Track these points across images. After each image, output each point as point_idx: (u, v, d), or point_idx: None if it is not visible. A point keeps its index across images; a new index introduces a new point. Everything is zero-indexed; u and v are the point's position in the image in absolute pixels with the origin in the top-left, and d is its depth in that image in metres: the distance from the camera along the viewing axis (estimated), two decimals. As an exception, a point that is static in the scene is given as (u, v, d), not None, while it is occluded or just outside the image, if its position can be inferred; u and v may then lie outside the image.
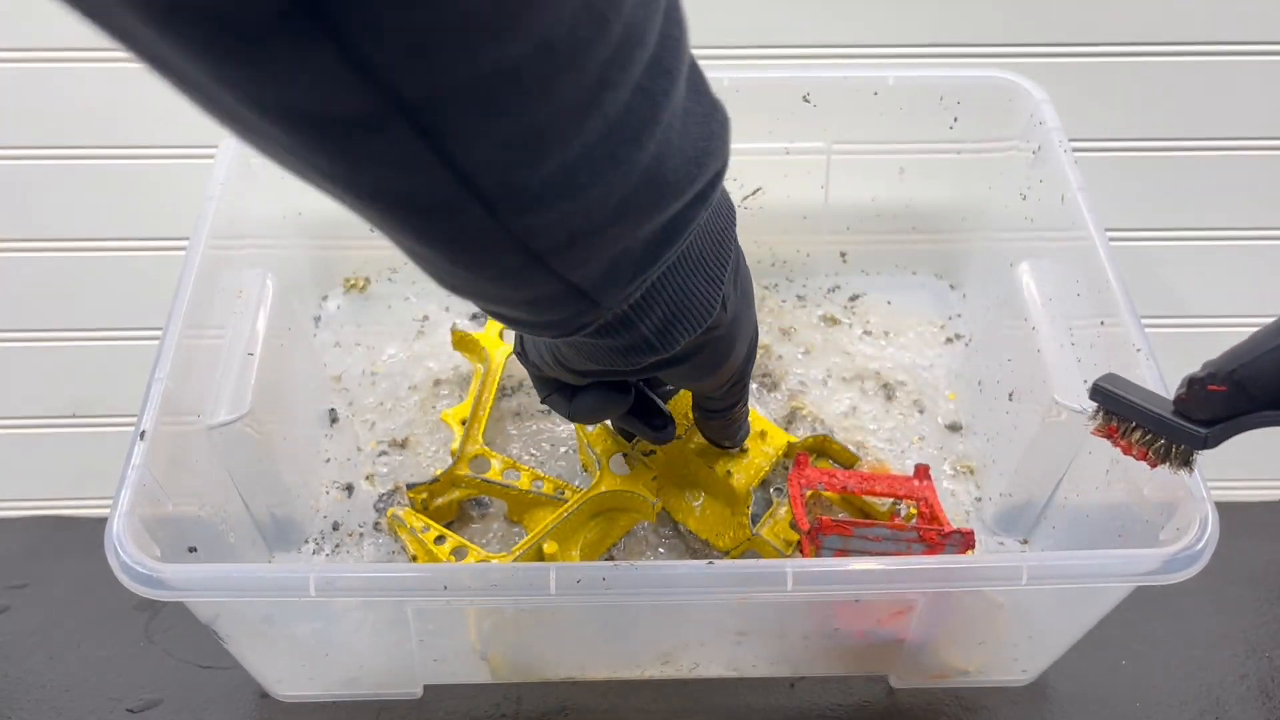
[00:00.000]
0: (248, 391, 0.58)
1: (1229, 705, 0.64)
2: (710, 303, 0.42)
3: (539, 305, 0.37)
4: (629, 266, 0.37)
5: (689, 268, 0.40)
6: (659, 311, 0.40)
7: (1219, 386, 0.39)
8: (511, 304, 0.37)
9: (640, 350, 0.42)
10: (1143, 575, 0.50)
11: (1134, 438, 0.43)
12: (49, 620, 0.70)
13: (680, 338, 0.42)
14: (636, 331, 0.41)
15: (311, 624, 0.55)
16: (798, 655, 0.61)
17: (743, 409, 0.55)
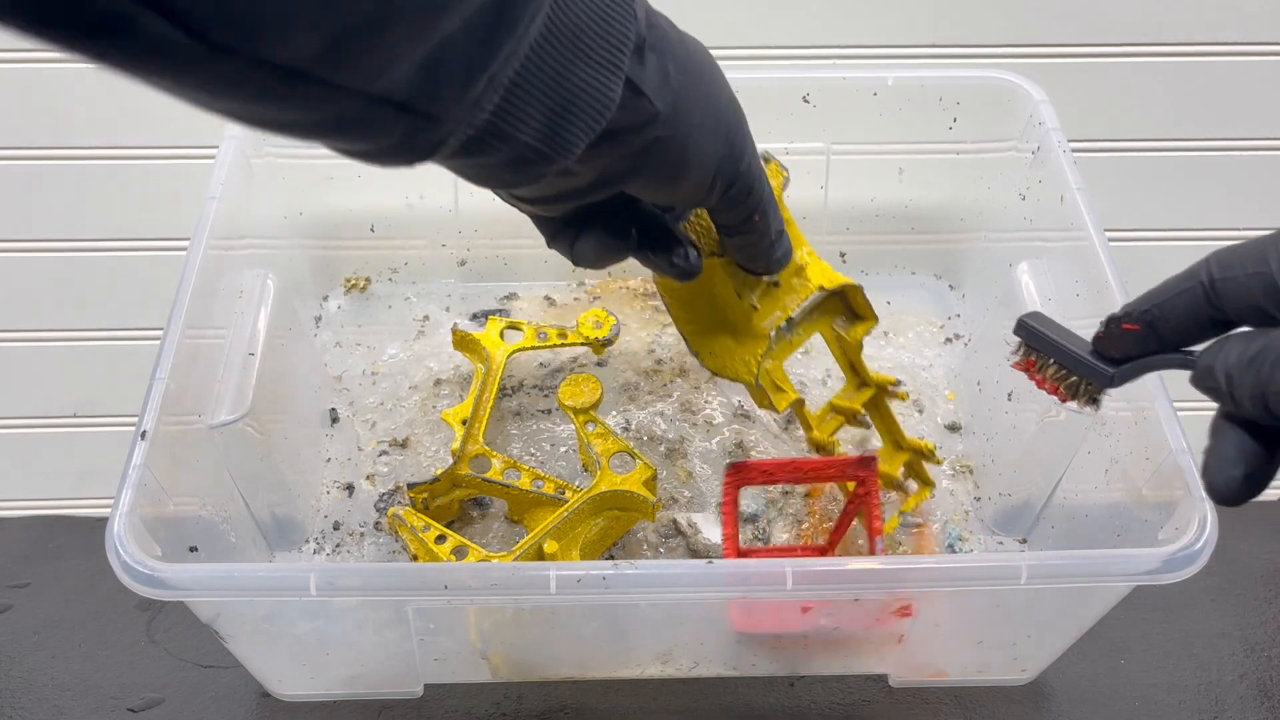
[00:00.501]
0: (248, 391, 0.58)
1: (1229, 705, 0.65)
2: (604, 92, 0.36)
3: (346, 128, 0.32)
4: (458, 63, 0.31)
5: (563, 52, 0.35)
6: (537, 112, 0.35)
7: (1133, 326, 0.40)
8: (314, 130, 0.32)
9: (532, 162, 0.36)
10: (1142, 575, 0.50)
11: (1049, 373, 0.45)
12: (49, 620, 0.70)
13: (576, 139, 0.36)
14: (516, 141, 0.35)
15: (312, 623, 0.55)
16: (796, 654, 0.62)
17: (766, 224, 0.49)
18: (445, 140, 0.34)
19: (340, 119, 0.31)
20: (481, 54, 0.32)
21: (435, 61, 0.30)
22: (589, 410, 0.63)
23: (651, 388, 0.70)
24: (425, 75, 0.31)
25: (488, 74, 0.32)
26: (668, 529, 0.63)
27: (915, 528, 0.65)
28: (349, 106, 0.30)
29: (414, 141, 0.33)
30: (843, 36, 0.78)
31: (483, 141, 0.35)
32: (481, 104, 0.33)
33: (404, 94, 0.31)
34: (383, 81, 0.30)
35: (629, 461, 0.59)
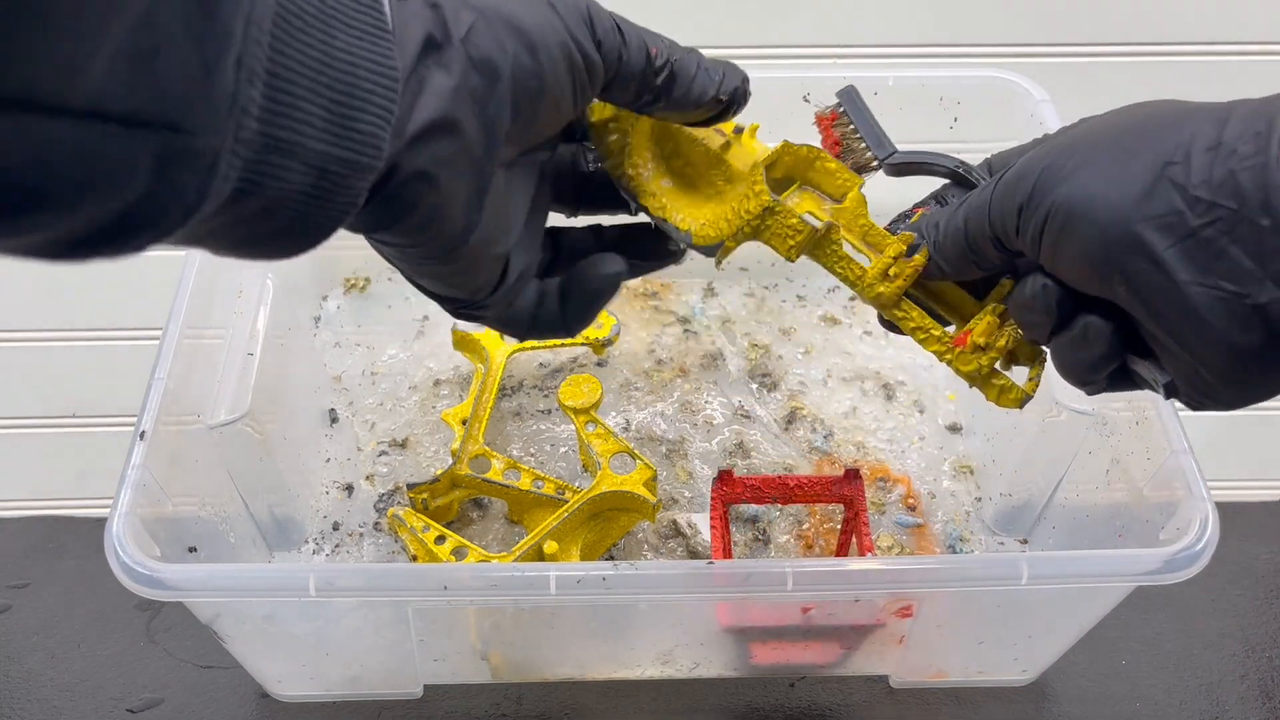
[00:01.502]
0: (248, 391, 0.58)
1: (1229, 705, 0.64)
2: (380, 61, 0.30)
3: (62, 175, 0.23)
4: (182, 45, 0.24)
5: (313, 23, 0.28)
6: (315, 107, 0.28)
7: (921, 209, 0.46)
8: (19, 198, 0.22)
9: (338, 180, 0.29)
10: (1143, 575, 0.50)
11: (844, 131, 0.48)
12: (49, 620, 0.70)
13: (375, 128, 0.30)
14: (306, 150, 0.28)
15: (312, 623, 0.55)
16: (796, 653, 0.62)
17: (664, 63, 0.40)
18: (215, 166, 0.25)
19: (45, 162, 0.22)
20: (208, 30, 0.24)
21: (147, 45, 0.23)
22: (589, 410, 0.63)
23: (651, 388, 0.70)
24: (141, 66, 0.23)
25: (231, 55, 0.25)
26: (667, 530, 0.63)
27: (916, 528, 0.65)
28: (52, 134, 0.22)
29: (173, 178, 0.24)
30: (843, 36, 0.78)
31: (262, 165, 0.27)
32: (240, 102, 0.26)
33: (123, 100, 0.23)
34: (82, 85, 0.22)
35: (629, 462, 0.59)
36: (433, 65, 0.33)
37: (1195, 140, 0.34)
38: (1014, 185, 0.38)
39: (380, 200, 0.33)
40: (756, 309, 0.76)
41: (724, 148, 0.45)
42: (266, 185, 0.28)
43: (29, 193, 0.22)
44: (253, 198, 0.28)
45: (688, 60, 0.41)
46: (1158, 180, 0.34)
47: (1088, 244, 0.35)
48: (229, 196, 0.27)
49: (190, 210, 0.25)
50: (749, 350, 0.73)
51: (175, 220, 0.25)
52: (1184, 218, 0.33)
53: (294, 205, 0.29)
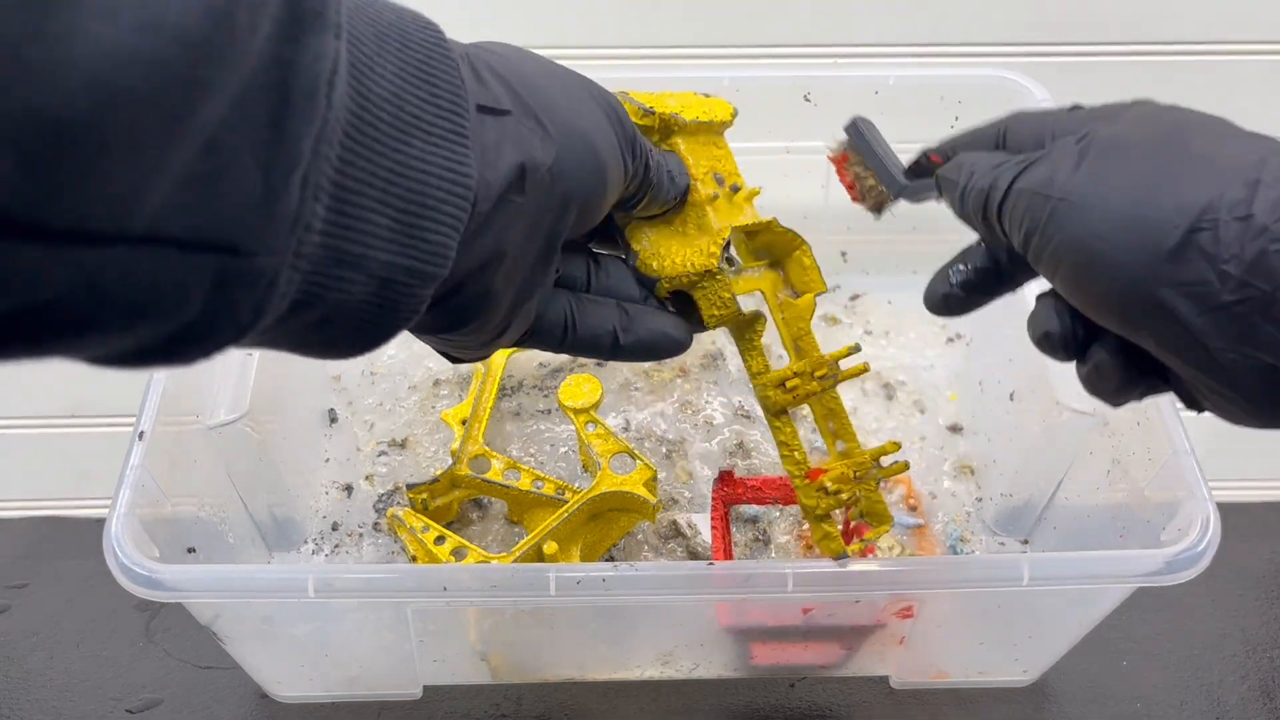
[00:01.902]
0: (247, 391, 0.58)
1: (1229, 705, 0.64)
2: (455, 168, 0.29)
3: (115, 301, 0.21)
4: (245, 167, 0.23)
5: (387, 131, 0.27)
6: (382, 218, 0.27)
7: (937, 157, 0.45)
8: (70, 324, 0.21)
9: (403, 289, 0.29)
10: (1144, 576, 0.50)
11: (855, 170, 0.48)
12: (49, 620, 0.70)
13: (443, 238, 0.29)
14: (370, 262, 0.27)
15: (311, 624, 0.55)
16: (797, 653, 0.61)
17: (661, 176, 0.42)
18: (273, 286, 0.24)
19: (98, 290, 0.21)
20: (275, 147, 0.23)
21: (210, 170, 0.22)
22: (589, 410, 0.63)
23: (651, 388, 0.70)
24: (203, 191, 0.22)
25: (298, 174, 0.24)
26: (667, 530, 0.63)
27: (916, 529, 0.64)
28: (106, 263, 0.21)
29: (229, 299, 0.23)
30: (843, 35, 0.77)
31: (323, 278, 0.26)
32: (304, 219, 0.25)
33: (183, 225, 0.22)
34: (138, 213, 0.21)
35: (629, 462, 0.59)
36: (514, 195, 0.32)
37: (1224, 203, 0.32)
38: (1024, 199, 0.36)
39: (439, 311, 0.33)
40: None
41: (710, 199, 0.46)
42: (327, 297, 0.27)
43: (78, 321, 0.21)
44: (311, 309, 0.27)
45: (659, 163, 0.42)
46: (1185, 244, 0.32)
47: (1107, 296, 0.34)
48: (287, 309, 0.26)
49: (245, 329, 0.25)
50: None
51: (228, 338, 0.25)
52: (1214, 289, 0.31)
53: (355, 314, 0.28)
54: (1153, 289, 0.32)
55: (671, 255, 0.45)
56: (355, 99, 0.26)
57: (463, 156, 0.29)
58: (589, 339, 0.42)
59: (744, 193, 0.48)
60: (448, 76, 0.29)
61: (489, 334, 0.36)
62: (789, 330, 0.49)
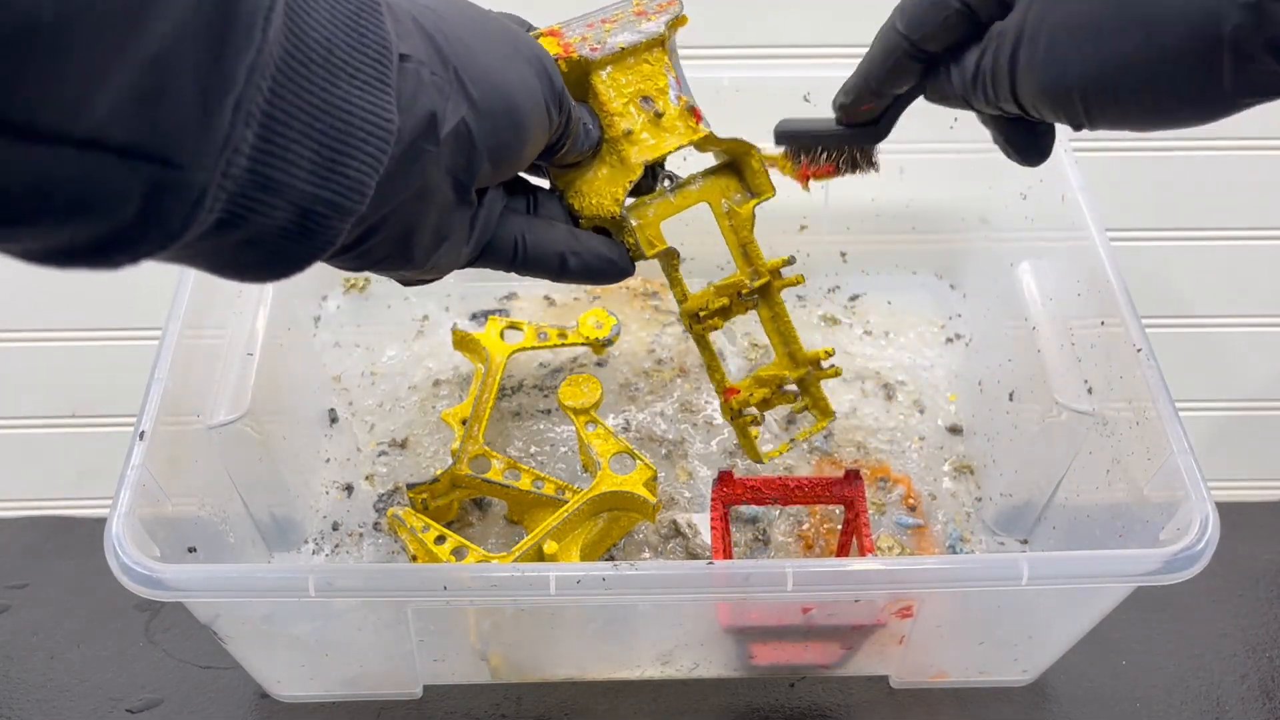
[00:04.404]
0: (247, 392, 0.58)
1: (1229, 705, 0.64)
2: (378, 113, 0.31)
3: (58, 200, 0.23)
4: (186, 85, 0.24)
5: (317, 72, 0.29)
6: (306, 150, 0.29)
7: (868, 104, 0.46)
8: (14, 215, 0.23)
9: (320, 220, 0.30)
10: (1143, 575, 0.50)
11: (822, 159, 0.48)
12: (49, 620, 0.70)
13: (363, 176, 0.31)
14: (292, 190, 0.29)
15: (311, 624, 0.55)
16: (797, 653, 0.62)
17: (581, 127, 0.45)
18: (201, 200, 0.26)
19: (42, 185, 0.23)
20: (213, 70, 0.25)
21: (153, 86, 0.23)
22: (589, 410, 0.63)
23: (651, 388, 0.70)
24: (144, 104, 0.23)
25: (231, 98, 0.26)
26: (667, 530, 0.63)
27: (916, 529, 0.65)
28: (52, 161, 0.23)
29: (161, 208, 0.25)
30: (843, 35, 0.77)
31: (248, 201, 0.28)
32: (234, 142, 0.26)
33: (124, 133, 0.23)
34: (85, 117, 0.23)
35: (629, 462, 0.59)
36: (427, 144, 0.35)
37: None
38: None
39: (361, 250, 0.37)
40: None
41: (625, 135, 0.48)
42: (250, 219, 0.29)
43: (20, 212, 0.23)
44: (234, 229, 0.29)
45: (578, 116, 0.45)
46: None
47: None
48: (211, 226, 0.28)
49: (172, 237, 0.26)
50: (749, 350, 0.73)
51: (156, 245, 0.26)
52: None
53: (274, 239, 0.30)
54: None
55: (590, 194, 0.48)
56: (290, 37, 0.28)
57: (385, 102, 0.31)
58: (538, 258, 0.45)
59: (673, 112, 0.49)
60: (375, 27, 0.32)
61: (416, 266, 0.39)
62: (735, 237, 0.53)
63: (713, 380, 0.56)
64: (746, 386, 0.56)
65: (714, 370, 0.56)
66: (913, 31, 0.43)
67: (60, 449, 0.85)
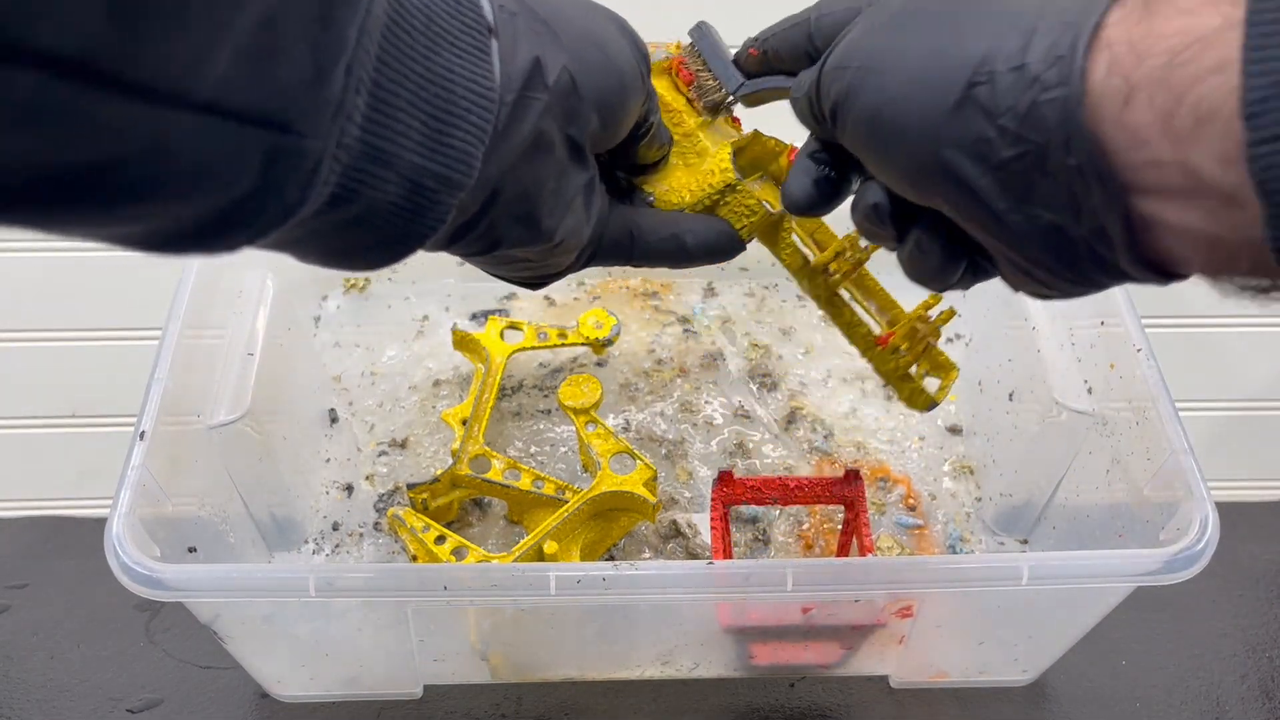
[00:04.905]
0: (247, 392, 0.58)
1: (1229, 705, 0.64)
2: (480, 81, 0.31)
3: (177, 169, 0.23)
4: (298, 49, 0.24)
5: (420, 41, 0.29)
6: (414, 120, 0.29)
7: (755, 50, 0.45)
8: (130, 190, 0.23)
9: (430, 195, 0.30)
10: (1143, 575, 0.50)
11: (695, 68, 0.48)
12: (49, 620, 0.70)
13: (469, 147, 0.31)
14: (402, 163, 0.29)
15: (311, 624, 0.55)
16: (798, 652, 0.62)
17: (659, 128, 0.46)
18: (317, 169, 0.26)
19: (163, 152, 0.23)
20: (324, 36, 0.25)
21: (267, 46, 0.24)
22: (589, 410, 0.63)
23: (651, 388, 0.70)
24: (260, 66, 0.24)
25: (343, 61, 0.26)
26: (667, 530, 0.63)
27: (916, 529, 0.65)
28: (173, 125, 0.23)
29: (278, 177, 0.25)
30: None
31: (360, 174, 0.28)
32: (346, 109, 0.26)
33: (241, 97, 0.23)
34: (204, 79, 0.23)
35: (629, 462, 0.59)
36: (534, 92, 0.34)
37: (1000, 53, 0.30)
38: (826, 87, 0.36)
39: (484, 226, 0.35)
40: (756, 309, 0.76)
41: (701, 125, 0.48)
42: (362, 193, 0.29)
43: (143, 181, 0.23)
44: (349, 204, 0.29)
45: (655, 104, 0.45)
46: (964, 101, 0.31)
47: (900, 165, 0.33)
48: (326, 201, 0.28)
49: (290, 211, 0.26)
50: (749, 350, 0.73)
51: (274, 219, 0.26)
52: (994, 146, 0.30)
53: (386, 216, 0.30)
54: (937, 149, 0.31)
55: (687, 185, 0.47)
56: (392, 4, 0.28)
57: (486, 70, 0.31)
58: (657, 242, 0.45)
59: (723, 115, 0.50)
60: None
61: (544, 237, 0.38)
62: (804, 227, 0.51)
63: (854, 338, 0.50)
64: (899, 330, 0.50)
65: (858, 325, 0.50)
66: (820, 11, 0.41)
67: (60, 449, 0.85)
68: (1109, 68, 0.28)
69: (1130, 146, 0.28)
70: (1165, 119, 0.27)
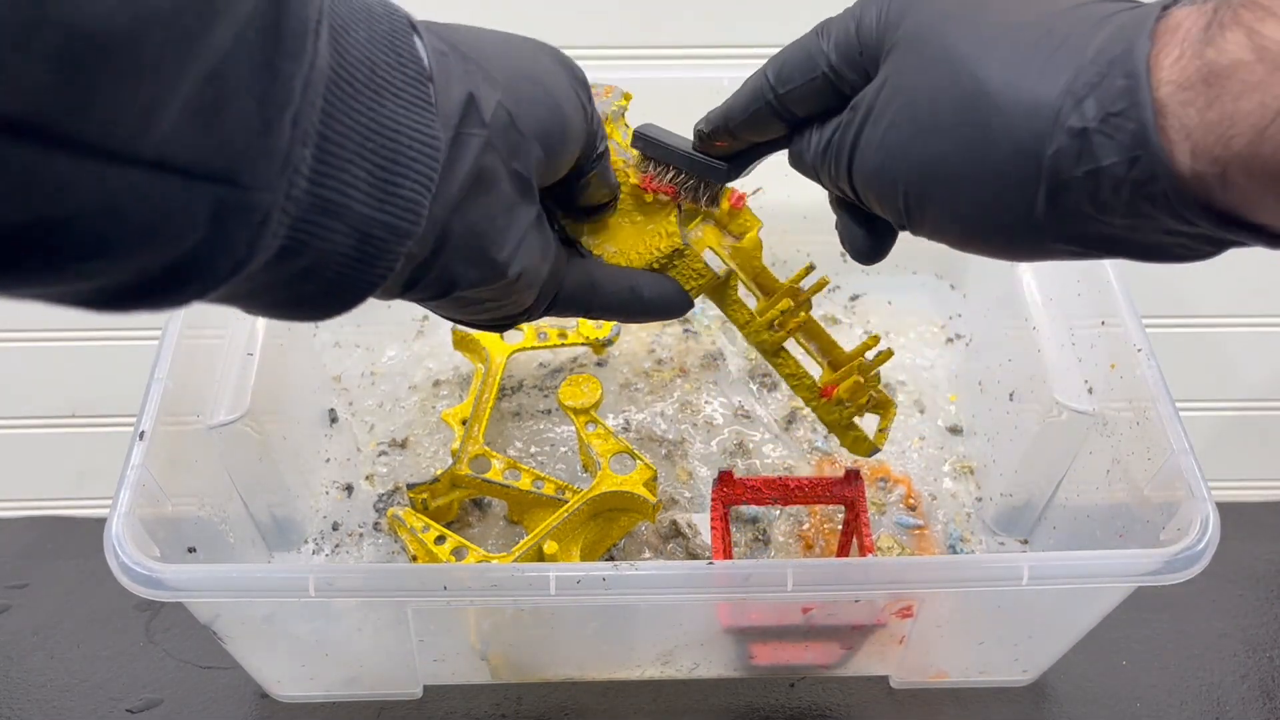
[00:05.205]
0: (247, 392, 0.58)
1: (1229, 705, 0.64)
2: (424, 131, 0.31)
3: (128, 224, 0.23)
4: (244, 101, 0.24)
5: (363, 90, 0.29)
6: (361, 171, 0.29)
7: (723, 142, 0.44)
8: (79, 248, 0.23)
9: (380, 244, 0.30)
10: (1143, 575, 0.50)
11: (668, 178, 0.46)
12: (49, 620, 0.70)
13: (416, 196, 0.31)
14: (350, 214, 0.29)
15: (311, 624, 0.55)
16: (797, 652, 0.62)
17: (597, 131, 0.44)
18: (266, 222, 0.26)
19: (112, 210, 0.23)
20: (269, 85, 0.25)
21: (213, 100, 0.24)
22: (589, 411, 0.63)
23: (651, 388, 0.70)
24: (207, 120, 0.24)
25: (289, 113, 0.26)
26: (667, 530, 0.63)
27: (916, 529, 0.64)
28: (121, 183, 0.23)
29: (227, 231, 0.25)
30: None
31: (309, 225, 0.28)
32: (294, 161, 0.26)
33: (189, 152, 0.23)
34: (153, 134, 0.23)
35: (629, 462, 0.59)
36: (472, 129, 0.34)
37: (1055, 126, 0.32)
38: (879, 193, 0.38)
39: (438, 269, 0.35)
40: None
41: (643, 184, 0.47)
42: (311, 244, 0.29)
43: (94, 239, 0.23)
44: (298, 256, 0.28)
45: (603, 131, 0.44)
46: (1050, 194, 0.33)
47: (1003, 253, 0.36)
48: (275, 254, 0.28)
49: (239, 265, 0.26)
50: (749, 350, 0.73)
51: (223, 273, 0.26)
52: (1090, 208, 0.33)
53: (335, 267, 0.30)
54: (1043, 242, 0.34)
55: (634, 248, 0.47)
56: (335, 56, 0.28)
57: (430, 120, 0.31)
58: (614, 294, 0.45)
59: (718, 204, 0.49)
60: (409, 47, 0.32)
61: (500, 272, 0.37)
62: (746, 273, 0.51)
63: (799, 389, 0.51)
64: (835, 381, 0.51)
65: (803, 377, 0.51)
66: (780, 85, 0.40)
67: (60, 449, 0.85)
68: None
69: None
70: None
